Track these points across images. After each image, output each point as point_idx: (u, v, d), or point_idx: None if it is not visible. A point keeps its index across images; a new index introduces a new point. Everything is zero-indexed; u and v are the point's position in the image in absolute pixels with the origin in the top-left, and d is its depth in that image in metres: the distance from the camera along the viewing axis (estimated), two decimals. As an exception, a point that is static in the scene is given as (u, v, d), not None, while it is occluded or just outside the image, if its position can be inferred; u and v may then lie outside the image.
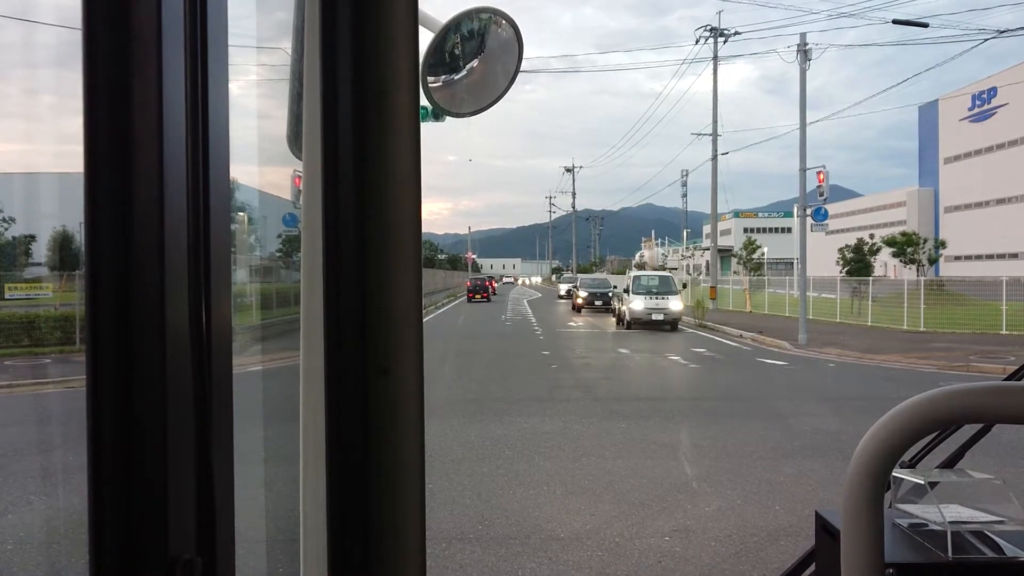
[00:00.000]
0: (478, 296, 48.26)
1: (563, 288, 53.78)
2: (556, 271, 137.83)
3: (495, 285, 66.39)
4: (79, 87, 0.56)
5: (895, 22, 20.68)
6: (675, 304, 25.15)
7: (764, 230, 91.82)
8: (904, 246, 38.17)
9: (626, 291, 26.20)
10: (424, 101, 0.98)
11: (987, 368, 14.55)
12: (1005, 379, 1.58)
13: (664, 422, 9.62)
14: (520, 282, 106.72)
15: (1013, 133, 57.50)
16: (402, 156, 0.65)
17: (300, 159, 0.73)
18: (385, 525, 0.65)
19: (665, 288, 25.99)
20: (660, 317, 24.69)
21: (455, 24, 1.30)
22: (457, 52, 1.34)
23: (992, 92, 60.10)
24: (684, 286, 31.71)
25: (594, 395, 11.69)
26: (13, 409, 10.55)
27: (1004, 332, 22.59)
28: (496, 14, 1.36)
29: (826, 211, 21.82)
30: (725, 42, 29.05)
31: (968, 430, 1.54)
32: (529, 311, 38.13)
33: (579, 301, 35.41)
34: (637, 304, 24.85)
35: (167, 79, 0.58)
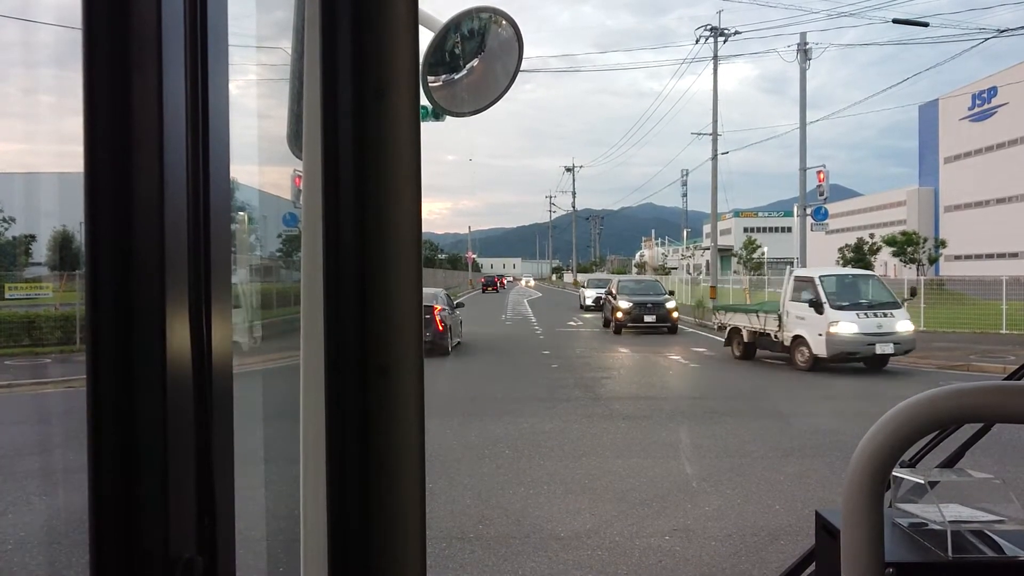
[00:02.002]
0: (490, 289, 72.32)
1: (589, 295, 36.48)
2: (556, 270, 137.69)
3: (504, 281, 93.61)
4: (79, 87, 0.56)
5: (895, 21, 20.69)
6: (903, 323, 14.47)
7: (764, 229, 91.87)
8: (904, 245, 38.18)
9: (813, 305, 14.39)
10: (424, 100, 0.98)
11: (987, 367, 14.55)
12: (1005, 379, 1.58)
13: (664, 421, 9.62)
14: (523, 283, 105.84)
15: (1013, 132, 57.45)
16: (402, 155, 0.65)
17: (300, 159, 0.73)
18: (385, 525, 0.65)
19: (878, 296, 15.16)
20: (888, 350, 14.17)
21: (455, 23, 1.30)
22: (457, 51, 1.34)
23: (992, 92, 60.05)
24: (913, 293, 17.71)
25: (595, 394, 11.69)
26: (13, 409, 10.55)
27: (1004, 331, 22.59)
28: (496, 13, 1.36)
29: (826, 210, 21.84)
30: (725, 42, 29.01)
31: (968, 430, 1.54)
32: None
33: (620, 315, 22.73)
34: (847, 326, 13.95)
35: (167, 79, 0.58)
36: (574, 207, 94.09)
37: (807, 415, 10.33)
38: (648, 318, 22.69)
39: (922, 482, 1.29)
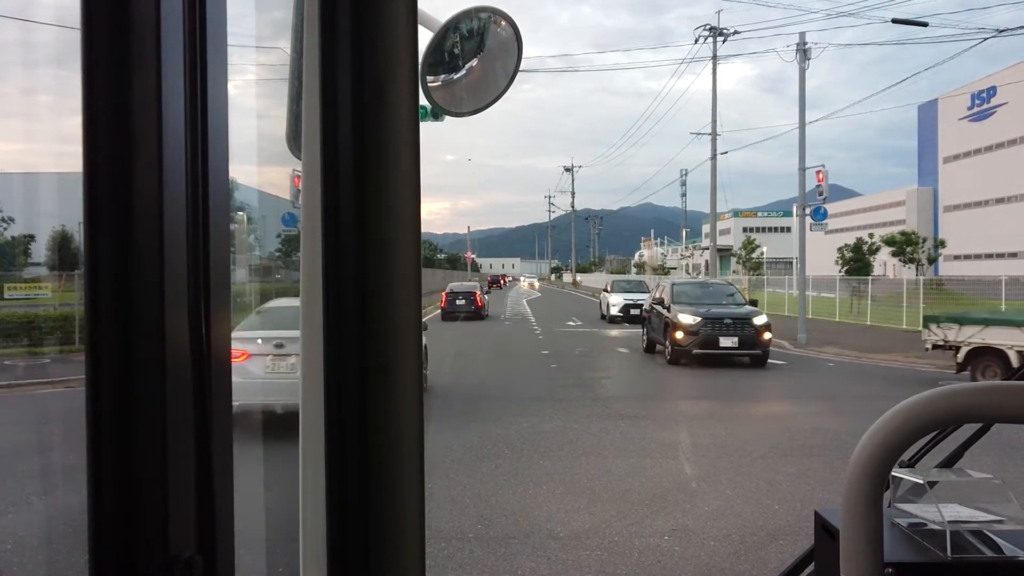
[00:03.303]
0: (495, 285, 78.34)
1: (614, 301, 26.91)
2: (555, 270, 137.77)
3: (506, 280, 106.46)
4: (78, 87, 0.56)
5: (894, 21, 20.68)
6: None
7: (763, 229, 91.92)
8: (903, 245, 38.17)
9: None
10: (423, 100, 0.98)
11: (986, 367, 14.52)
12: (1004, 378, 1.58)
13: (663, 421, 9.62)
14: (524, 283, 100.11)
15: (1012, 132, 57.47)
16: (401, 155, 0.65)
17: (299, 159, 0.73)
18: (385, 525, 0.65)
19: None
20: None
21: (454, 23, 1.30)
22: (456, 51, 1.34)
23: (991, 91, 60.06)
24: None
25: (594, 394, 11.69)
26: (13, 409, 10.54)
27: (1003, 331, 22.56)
28: (495, 13, 1.36)
29: (825, 210, 21.82)
30: (724, 41, 28.95)
31: (967, 430, 1.54)
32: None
33: (681, 336, 15.04)
34: None
35: (166, 79, 0.58)
36: (573, 207, 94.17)
37: None
38: (726, 341, 14.59)
39: (921, 482, 1.29)
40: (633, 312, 23.86)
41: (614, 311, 26.69)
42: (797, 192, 21.82)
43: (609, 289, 29.39)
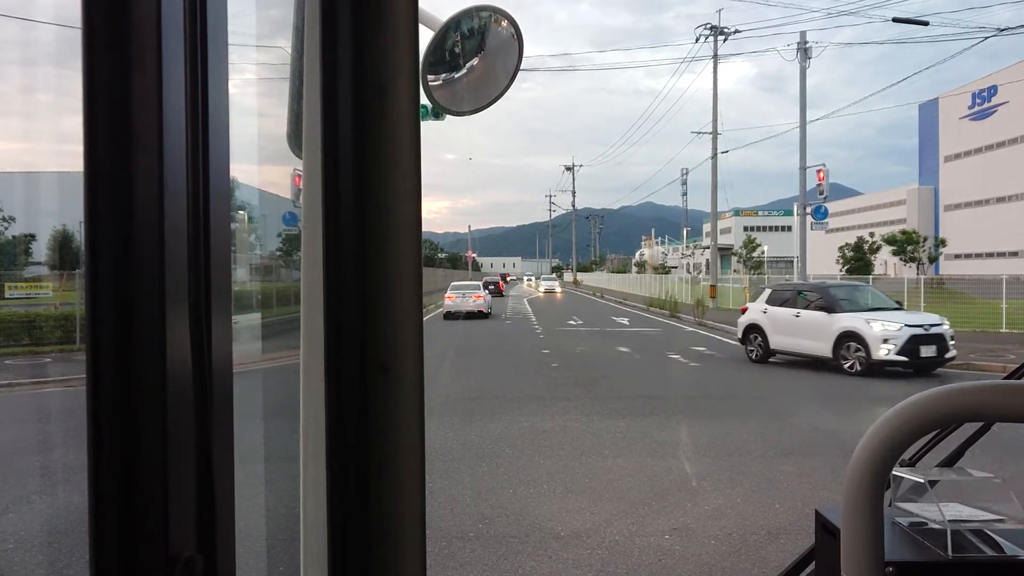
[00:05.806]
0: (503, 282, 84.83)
1: (882, 330, 12.61)
2: (556, 269, 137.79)
3: (509, 278, 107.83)
4: (79, 85, 0.56)
5: (895, 20, 20.68)
6: None
7: (764, 228, 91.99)
8: (904, 244, 38.18)
9: None
10: (424, 99, 0.98)
11: (987, 366, 14.55)
12: (1005, 378, 1.58)
13: (664, 420, 9.62)
14: (527, 284, 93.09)
15: (1013, 131, 57.43)
16: (402, 154, 0.65)
17: (300, 158, 0.73)
18: (385, 524, 0.65)
19: None
20: None
21: (455, 22, 1.30)
22: (457, 50, 1.34)
23: (992, 90, 60.02)
24: None
25: (594, 393, 11.69)
26: (13, 408, 10.55)
27: (1004, 330, 22.58)
28: (496, 12, 1.36)
29: (826, 209, 21.81)
30: (725, 40, 28.95)
31: (968, 429, 1.54)
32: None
33: None
34: None
35: (167, 77, 0.57)
36: (574, 206, 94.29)
37: None
38: None
39: (922, 481, 1.29)
40: (925, 353, 12.81)
41: (884, 352, 12.89)
42: (798, 191, 21.81)
43: (838, 306, 14.07)
